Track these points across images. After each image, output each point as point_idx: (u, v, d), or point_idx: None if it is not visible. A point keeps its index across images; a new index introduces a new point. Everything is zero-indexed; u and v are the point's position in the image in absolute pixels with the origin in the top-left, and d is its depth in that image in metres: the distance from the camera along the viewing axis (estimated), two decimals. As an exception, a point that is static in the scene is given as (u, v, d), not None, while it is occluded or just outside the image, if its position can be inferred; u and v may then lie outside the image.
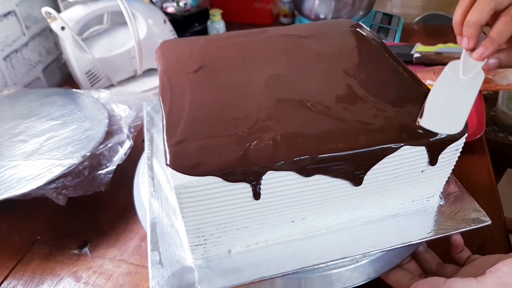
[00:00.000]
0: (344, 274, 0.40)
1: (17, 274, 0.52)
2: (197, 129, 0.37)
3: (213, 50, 0.50)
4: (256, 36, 0.52)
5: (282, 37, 0.52)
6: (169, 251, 0.40)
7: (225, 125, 0.37)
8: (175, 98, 0.41)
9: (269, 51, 0.49)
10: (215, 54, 0.49)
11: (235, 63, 0.47)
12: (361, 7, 0.97)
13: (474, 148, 0.65)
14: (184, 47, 0.51)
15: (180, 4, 0.97)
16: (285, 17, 1.11)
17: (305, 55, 0.48)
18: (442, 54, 0.84)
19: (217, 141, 0.35)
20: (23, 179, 0.54)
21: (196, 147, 0.35)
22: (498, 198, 0.58)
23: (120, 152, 0.61)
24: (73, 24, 0.78)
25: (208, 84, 0.43)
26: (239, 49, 0.50)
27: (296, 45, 0.50)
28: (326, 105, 0.39)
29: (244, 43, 0.51)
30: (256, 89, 0.41)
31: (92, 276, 0.51)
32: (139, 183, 0.52)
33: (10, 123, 0.66)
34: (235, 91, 0.42)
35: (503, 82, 0.73)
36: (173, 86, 0.43)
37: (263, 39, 0.52)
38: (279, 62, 0.46)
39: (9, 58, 0.80)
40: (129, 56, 0.83)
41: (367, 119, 0.37)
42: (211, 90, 0.42)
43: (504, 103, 0.91)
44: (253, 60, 0.47)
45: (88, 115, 0.67)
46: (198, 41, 0.52)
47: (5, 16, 0.78)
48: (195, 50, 0.50)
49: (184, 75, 0.45)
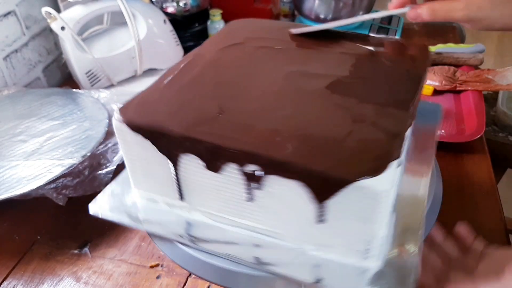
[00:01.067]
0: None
1: (17, 274, 0.52)
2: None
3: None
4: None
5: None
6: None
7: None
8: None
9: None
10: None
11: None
12: (361, 7, 0.97)
13: (474, 148, 0.65)
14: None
15: (180, 4, 0.97)
16: (285, 17, 1.11)
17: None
18: (442, 54, 0.84)
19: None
20: (23, 179, 0.54)
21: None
22: (498, 198, 0.58)
23: (120, 152, 0.61)
24: (73, 24, 0.78)
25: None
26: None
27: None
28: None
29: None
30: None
31: (92, 276, 0.51)
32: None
33: (10, 123, 0.66)
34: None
35: (503, 82, 0.73)
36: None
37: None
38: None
39: (9, 58, 0.80)
40: (129, 56, 0.83)
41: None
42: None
43: (504, 103, 0.91)
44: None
45: (88, 115, 0.67)
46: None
47: (5, 16, 0.78)
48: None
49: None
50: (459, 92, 0.77)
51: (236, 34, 0.51)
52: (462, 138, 0.66)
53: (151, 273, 0.51)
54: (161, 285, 0.50)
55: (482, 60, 0.82)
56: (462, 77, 0.76)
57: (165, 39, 0.87)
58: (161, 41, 0.86)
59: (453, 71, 0.78)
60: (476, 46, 0.85)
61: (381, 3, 1.07)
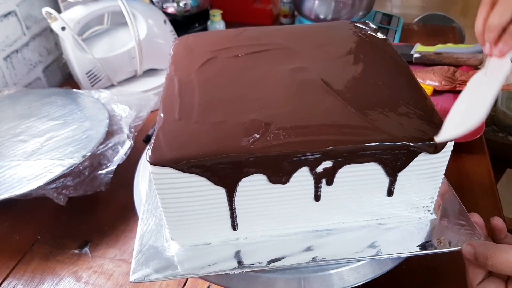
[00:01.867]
0: (344, 274, 0.40)
1: (17, 274, 0.52)
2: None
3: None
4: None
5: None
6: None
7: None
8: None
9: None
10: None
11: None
12: (361, 7, 0.97)
13: (473, 148, 0.65)
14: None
15: (180, 4, 0.97)
16: (285, 17, 1.11)
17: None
18: (442, 54, 0.84)
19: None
20: (24, 179, 0.54)
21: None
22: (498, 198, 0.58)
23: (120, 152, 0.61)
24: (74, 24, 0.78)
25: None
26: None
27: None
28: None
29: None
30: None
31: (92, 276, 0.51)
32: (139, 183, 0.52)
33: (10, 123, 0.66)
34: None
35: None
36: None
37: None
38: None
39: (10, 58, 0.80)
40: (129, 56, 0.83)
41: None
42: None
43: (504, 103, 0.91)
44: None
45: (89, 115, 0.67)
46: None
47: (6, 16, 0.78)
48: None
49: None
50: (458, 92, 0.76)
51: (196, 51, 0.48)
52: (462, 138, 0.65)
53: (151, 273, 0.51)
54: (161, 285, 0.50)
55: (482, 60, 0.82)
56: (462, 77, 0.76)
57: (165, 39, 0.87)
58: (161, 41, 0.86)
59: (452, 71, 0.78)
60: (476, 46, 0.85)
61: (381, 4, 1.07)
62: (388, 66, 0.45)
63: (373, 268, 0.41)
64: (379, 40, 0.49)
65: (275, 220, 0.39)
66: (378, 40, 0.49)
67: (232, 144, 0.34)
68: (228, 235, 0.40)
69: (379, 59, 0.46)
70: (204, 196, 0.36)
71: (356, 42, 0.49)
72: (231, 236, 0.40)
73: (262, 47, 0.48)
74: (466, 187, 0.60)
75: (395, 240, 0.39)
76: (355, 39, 0.50)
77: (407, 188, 0.38)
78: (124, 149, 0.61)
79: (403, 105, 0.38)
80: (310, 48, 0.48)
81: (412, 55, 0.85)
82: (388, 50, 0.47)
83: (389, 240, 0.39)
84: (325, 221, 0.40)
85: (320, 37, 0.51)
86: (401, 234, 0.40)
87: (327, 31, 0.53)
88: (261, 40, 0.50)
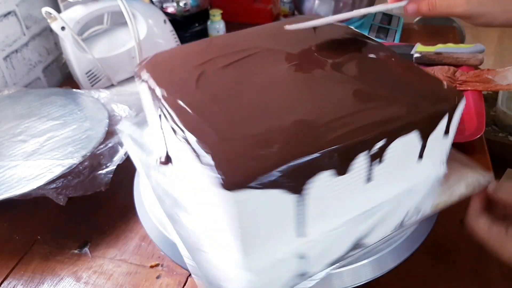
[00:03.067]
0: (344, 274, 0.40)
1: (17, 274, 0.52)
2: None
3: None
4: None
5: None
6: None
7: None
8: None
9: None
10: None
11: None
12: (361, 7, 0.96)
13: (474, 148, 0.65)
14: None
15: (180, 4, 0.97)
16: (285, 17, 1.11)
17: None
18: (442, 54, 0.84)
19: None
20: (23, 179, 0.54)
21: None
22: (498, 198, 0.58)
23: (120, 152, 0.61)
24: (73, 24, 0.78)
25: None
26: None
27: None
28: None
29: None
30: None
31: (92, 276, 0.51)
32: (139, 183, 0.52)
33: (10, 123, 0.66)
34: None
35: (503, 82, 0.73)
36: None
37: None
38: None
39: (9, 58, 0.80)
40: (129, 56, 0.83)
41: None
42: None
43: (504, 103, 0.91)
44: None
45: (88, 115, 0.67)
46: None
47: (5, 16, 0.78)
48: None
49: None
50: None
51: (177, 69, 0.45)
52: (462, 138, 0.66)
53: (151, 273, 0.51)
54: (161, 285, 0.50)
55: (482, 60, 0.82)
56: (462, 77, 0.76)
57: (165, 39, 0.87)
58: (161, 41, 0.86)
59: (453, 71, 0.78)
60: (476, 46, 0.85)
61: (380, 3, 1.08)
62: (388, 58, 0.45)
63: (373, 268, 0.41)
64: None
65: (335, 214, 0.39)
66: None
67: (298, 144, 0.33)
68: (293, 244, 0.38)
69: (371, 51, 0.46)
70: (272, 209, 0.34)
71: (332, 32, 0.50)
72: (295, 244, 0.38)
73: (244, 53, 0.46)
74: (466, 187, 0.59)
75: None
76: (331, 32, 0.50)
77: (435, 148, 0.41)
78: (124, 149, 0.61)
79: (416, 84, 0.41)
80: (292, 45, 0.47)
81: (412, 55, 0.85)
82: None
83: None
84: (372, 201, 0.41)
85: (289, 33, 0.49)
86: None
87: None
88: (238, 47, 0.47)
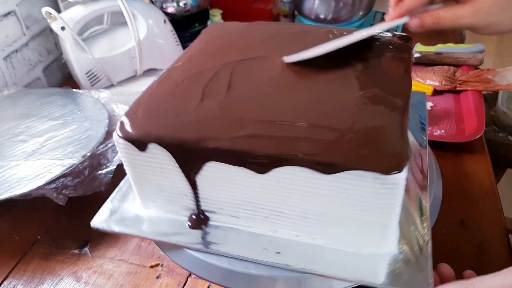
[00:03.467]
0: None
1: (17, 274, 0.52)
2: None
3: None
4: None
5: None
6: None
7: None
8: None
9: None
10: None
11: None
12: (361, 7, 0.97)
13: (474, 148, 0.65)
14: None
15: (180, 4, 0.97)
16: (285, 17, 1.11)
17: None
18: (442, 54, 0.84)
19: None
20: (23, 179, 0.54)
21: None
22: (498, 198, 0.58)
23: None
24: (73, 24, 0.78)
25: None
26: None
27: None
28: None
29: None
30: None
31: (92, 276, 0.51)
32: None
33: (10, 123, 0.66)
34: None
35: (503, 82, 0.73)
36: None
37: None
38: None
39: (9, 58, 0.80)
40: (129, 56, 0.83)
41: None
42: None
43: (504, 103, 0.91)
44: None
45: (88, 115, 0.67)
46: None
47: (5, 16, 0.78)
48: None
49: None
50: (459, 92, 0.77)
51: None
52: (462, 138, 0.66)
53: (151, 273, 0.51)
54: (161, 285, 0.50)
55: (482, 60, 0.82)
56: (462, 77, 0.76)
57: (165, 39, 0.87)
58: (161, 41, 0.86)
59: (453, 71, 0.78)
60: (476, 46, 0.85)
61: (380, 3, 1.07)
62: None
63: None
64: None
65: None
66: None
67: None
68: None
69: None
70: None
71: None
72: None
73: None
74: (466, 187, 0.60)
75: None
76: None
77: None
78: (124, 149, 0.61)
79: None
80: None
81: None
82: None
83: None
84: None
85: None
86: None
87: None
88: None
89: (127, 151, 0.37)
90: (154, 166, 0.37)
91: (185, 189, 0.39)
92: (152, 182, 0.39)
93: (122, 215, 0.42)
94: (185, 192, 0.39)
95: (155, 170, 0.38)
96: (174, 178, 0.38)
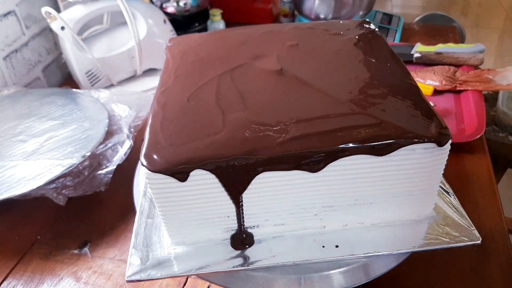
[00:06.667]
0: (344, 274, 0.40)
1: (17, 274, 0.52)
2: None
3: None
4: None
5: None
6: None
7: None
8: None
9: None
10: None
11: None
12: (361, 7, 0.97)
13: (474, 148, 0.65)
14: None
15: (180, 4, 0.97)
16: (285, 17, 1.11)
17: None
18: (442, 54, 0.84)
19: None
20: (23, 179, 0.54)
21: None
22: (498, 198, 0.58)
23: (120, 152, 0.61)
24: (73, 24, 0.78)
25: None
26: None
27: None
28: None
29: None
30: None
31: (92, 276, 0.51)
32: (139, 183, 0.52)
33: (10, 123, 0.66)
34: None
35: (503, 82, 0.73)
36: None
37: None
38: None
39: (9, 58, 0.80)
40: (129, 56, 0.83)
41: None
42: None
43: (504, 103, 0.91)
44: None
45: (88, 115, 0.67)
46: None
47: (5, 16, 0.78)
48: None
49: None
50: (459, 92, 0.77)
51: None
52: (462, 138, 0.66)
53: (151, 273, 0.51)
54: (161, 285, 0.50)
55: (482, 60, 0.82)
56: (462, 77, 0.76)
57: (165, 39, 0.86)
58: (161, 41, 0.86)
59: (453, 71, 0.78)
60: (476, 46, 0.85)
61: (381, 3, 1.07)
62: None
63: (373, 267, 0.41)
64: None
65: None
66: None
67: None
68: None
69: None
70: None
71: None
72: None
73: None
74: (466, 187, 0.59)
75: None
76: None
77: None
78: (123, 149, 0.61)
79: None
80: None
81: (412, 55, 0.85)
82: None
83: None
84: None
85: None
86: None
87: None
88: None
89: (164, 186, 0.33)
90: (195, 194, 0.35)
91: (228, 210, 0.36)
92: (189, 213, 0.36)
93: (156, 259, 0.38)
94: (227, 213, 0.37)
95: (196, 199, 0.35)
96: (216, 202, 0.36)
